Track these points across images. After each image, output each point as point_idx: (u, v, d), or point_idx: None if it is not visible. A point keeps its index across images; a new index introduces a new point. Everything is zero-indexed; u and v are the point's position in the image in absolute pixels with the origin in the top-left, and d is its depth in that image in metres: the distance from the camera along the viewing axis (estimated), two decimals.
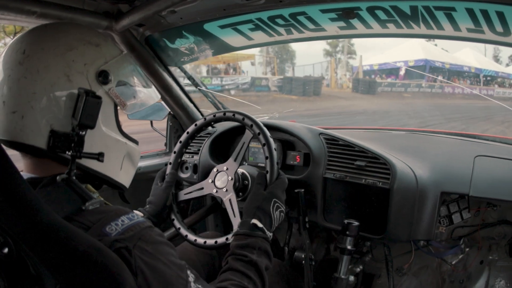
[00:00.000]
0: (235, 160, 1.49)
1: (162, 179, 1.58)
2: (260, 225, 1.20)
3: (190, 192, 1.57)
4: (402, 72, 25.66)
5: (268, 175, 1.35)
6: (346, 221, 1.49)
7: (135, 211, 1.44)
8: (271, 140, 1.40)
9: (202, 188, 1.55)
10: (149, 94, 1.14)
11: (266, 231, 1.20)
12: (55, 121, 0.92)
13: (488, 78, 27.72)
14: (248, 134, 1.47)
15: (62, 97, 0.92)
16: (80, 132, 0.93)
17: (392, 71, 27.47)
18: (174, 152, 1.61)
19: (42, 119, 0.91)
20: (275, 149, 1.39)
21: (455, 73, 26.51)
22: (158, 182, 1.57)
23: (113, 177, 1.04)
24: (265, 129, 1.43)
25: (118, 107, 1.03)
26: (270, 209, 1.25)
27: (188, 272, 0.95)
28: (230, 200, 1.47)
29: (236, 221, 1.43)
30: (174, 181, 1.55)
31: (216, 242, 1.41)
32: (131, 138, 1.09)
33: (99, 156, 0.98)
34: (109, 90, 0.99)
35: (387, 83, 25.17)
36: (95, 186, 1.03)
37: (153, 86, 1.19)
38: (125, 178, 1.09)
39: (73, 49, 0.95)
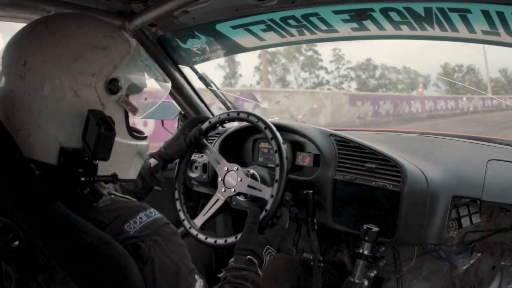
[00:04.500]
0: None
1: (190, 129, 1.58)
2: (255, 262, 1.21)
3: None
4: None
5: (263, 214, 1.34)
6: (365, 226, 1.45)
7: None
8: (285, 177, 1.37)
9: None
10: (159, 89, 1.11)
11: (258, 269, 1.21)
12: (64, 138, 0.89)
13: None
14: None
15: (70, 114, 0.88)
16: (94, 162, 0.91)
17: None
18: (209, 122, 1.61)
19: (50, 137, 0.88)
20: (285, 190, 1.38)
21: None
22: (186, 131, 1.58)
23: (123, 177, 1.03)
24: (284, 158, 1.40)
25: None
26: (263, 254, 1.25)
27: (196, 276, 0.95)
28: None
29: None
30: (197, 139, 1.55)
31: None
32: (141, 136, 1.05)
33: (113, 179, 0.97)
34: (120, 99, 0.94)
35: None
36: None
37: (163, 77, 1.14)
38: (134, 173, 1.08)
39: (79, 58, 0.88)
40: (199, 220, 1.54)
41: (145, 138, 1.07)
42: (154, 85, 1.09)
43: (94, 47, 0.90)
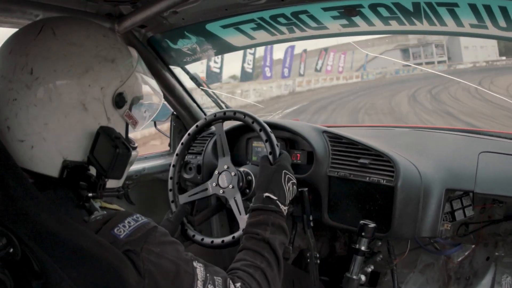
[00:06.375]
0: (224, 156, 1.50)
1: (172, 211, 1.56)
2: (274, 197, 1.18)
3: (195, 194, 1.57)
4: None
5: (271, 156, 1.35)
6: (362, 222, 1.45)
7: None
8: (267, 128, 1.42)
9: (206, 189, 1.55)
10: (156, 101, 1.12)
11: (280, 204, 1.18)
12: (68, 151, 0.87)
13: None
14: (218, 126, 1.52)
15: (77, 128, 0.87)
16: (106, 180, 0.90)
17: None
18: (177, 155, 1.61)
19: (54, 150, 0.86)
20: (271, 131, 1.41)
21: None
22: (169, 214, 1.55)
23: (115, 185, 1.03)
24: (265, 125, 1.44)
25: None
26: (282, 181, 1.23)
27: (195, 263, 0.94)
28: (235, 199, 1.48)
29: (242, 219, 1.42)
30: (183, 213, 1.51)
31: (223, 241, 1.42)
32: (134, 146, 1.05)
33: (118, 193, 0.97)
34: (124, 113, 0.94)
35: None
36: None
37: (157, 88, 1.15)
38: (122, 180, 1.07)
39: (89, 70, 0.86)
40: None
41: (136, 147, 1.07)
42: (151, 97, 1.09)
43: (104, 59, 0.89)
